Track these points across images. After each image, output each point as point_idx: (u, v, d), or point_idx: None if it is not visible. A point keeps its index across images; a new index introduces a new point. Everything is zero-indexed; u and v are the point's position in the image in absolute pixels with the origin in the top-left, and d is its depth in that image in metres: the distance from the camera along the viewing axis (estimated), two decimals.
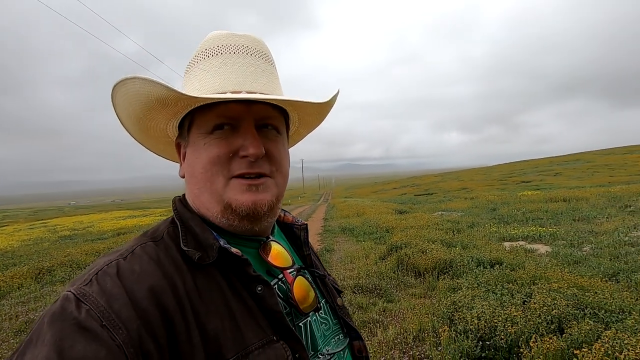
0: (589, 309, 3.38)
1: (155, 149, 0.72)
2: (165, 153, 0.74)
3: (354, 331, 0.72)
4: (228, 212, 0.59)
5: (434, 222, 10.26)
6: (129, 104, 0.58)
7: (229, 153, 0.58)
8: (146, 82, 0.53)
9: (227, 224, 0.60)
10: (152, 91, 0.54)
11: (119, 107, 0.60)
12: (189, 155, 0.61)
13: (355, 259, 6.99)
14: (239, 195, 0.58)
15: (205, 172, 0.58)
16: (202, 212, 0.61)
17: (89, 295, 0.47)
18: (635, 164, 32.20)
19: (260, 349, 0.53)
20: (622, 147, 53.20)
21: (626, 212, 9.85)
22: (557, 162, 45.54)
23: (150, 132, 0.66)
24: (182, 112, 0.60)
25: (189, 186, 0.63)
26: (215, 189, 0.58)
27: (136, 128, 0.65)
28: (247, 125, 0.58)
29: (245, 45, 0.61)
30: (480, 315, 3.33)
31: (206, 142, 0.58)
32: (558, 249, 6.52)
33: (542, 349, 2.71)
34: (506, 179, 34.22)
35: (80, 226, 20.45)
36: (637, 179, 22.04)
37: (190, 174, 0.61)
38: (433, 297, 4.65)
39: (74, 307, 0.45)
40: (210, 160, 0.57)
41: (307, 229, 0.77)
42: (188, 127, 0.61)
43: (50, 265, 7.87)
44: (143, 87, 0.54)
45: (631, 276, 4.54)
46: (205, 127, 0.58)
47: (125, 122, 0.64)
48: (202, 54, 0.61)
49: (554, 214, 10.56)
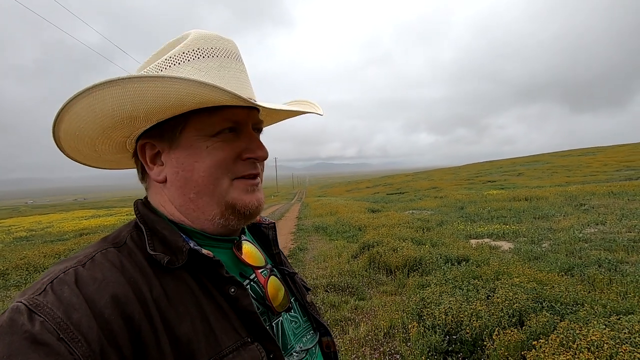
0: (547, 302, 3.59)
1: (106, 152, 0.64)
2: (113, 160, 0.67)
3: (323, 327, 0.73)
4: (229, 212, 0.59)
5: (405, 220, 10.51)
6: (126, 105, 0.51)
7: (234, 156, 0.59)
8: (193, 83, 0.48)
9: (221, 225, 0.60)
10: (196, 92, 0.49)
11: (92, 107, 0.52)
12: (183, 159, 0.57)
13: (328, 258, 7.03)
14: (244, 196, 0.59)
15: (210, 175, 0.57)
16: (191, 216, 0.59)
17: (43, 305, 0.44)
18: (589, 165, 34.51)
19: (235, 351, 0.52)
20: (578, 149, 56.85)
21: (581, 210, 10.53)
22: (520, 162, 47.95)
23: (115, 134, 0.59)
24: (176, 113, 0.55)
25: (178, 190, 0.58)
26: (219, 191, 0.58)
27: (96, 137, 0.58)
28: (249, 129, 0.61)
29: (233, 51, 0.61)
30: (448, 310, 3.45)
31: (209, 145, 0.57)
32: (520, 246, 6.87)
33: (504, 341, 2.85)
34: (473, 178, 35.63)
35: (39, 227, 19.25)
36: (590, 179, 23.65)
37: (185, 177, 0.58)
38: (403, 294, 4.76)
39: (26, 319, 0.42)
40: (216, 163, 0.57)
41: (275, 227, 0.77)
42: (181, 129, 0.57)
43: (4, 268, 7.36)
44: (185, 88, 0.49)
45: (584, 270, 4.87)
46: (208, 129, 0.57)
47: (87, 123, 0.55)
48: (193, 53, 0.57)
49: (516, 212, 11.11)
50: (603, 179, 22.52)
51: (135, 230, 0.58)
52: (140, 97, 0.50)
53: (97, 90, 0.49)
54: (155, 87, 0.49)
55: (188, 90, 0.49)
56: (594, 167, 32.10)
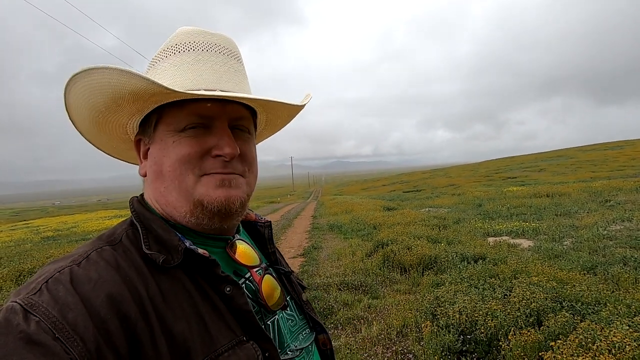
0: (567, 301, 3.47)
1: (107, 148, 0.69)
2: (117, 151, 0.70)
3: (319, 325, 0.73)
4: (198, 210, 0.57)
5: (421, 218, 10.37)
6: (92, 96, 0.54)
7: (200, 152, 0.56)
8: (121, 72, 0.49)
9: (195, 223, 0.58)
10: (127, 83, 0.51)
11: (76, 99, 0.56)
12: (155, 153, 0.59)
13: (342, 256, 7.02)
14: (212, 191, 0.56)
15: (174, 171, 0.56)
16: (168, 211, 0.59)
17: (38, 305, 0.43)
18: (615, 159, 33.10)
19: (230, 350, 0.52)
20: (603, 144, 54.62)
21: (606, 207, 10.12)
22: (542, 158, 46.50)
23: (107, 128, 0.62)
24: (150, 107, 0.57)
25: (152, 185, 0.60)
26: (185, 187, 0.57)
27: (91, 123, 0.61)
28: (222, 124, 0.58)
29: (217, 44, 0.60)
30: (462, 309, 3.38)
31: (175, 139, 0.56)
32: (540, 244, 6.67)
33: (520, 342, 2.77)
34: (493, 175, 34.80)
35: (65, 227, 19.99)
36: (617, 174, 22.68)
37: (156, 172, 0.58)
38: (417, 292, 4.70)
39: (21, 319, 0.41)
40: (180, 158, 0.56)
41: (270, 226, 0.77)
42: (155, 124, 0.59)
43: (32, 267, 7.67)
44: (116, 78, 0.50)
45: (608, 269, 4.67)
46: (175, 124, 0.57)
47: (80, 117, 0.60)
48: (171, 48, 0.59)
49: (537, 209, 10.78)
50: (631, 174, 21.55)
51: (131, 228, 0.58)
52: (97, 88, 0.53)
53: (73, 82, 0.53)
54: (101, 77, 0.51)
55: (119, 80, 0.51)
56: (621, 162, 30.77)
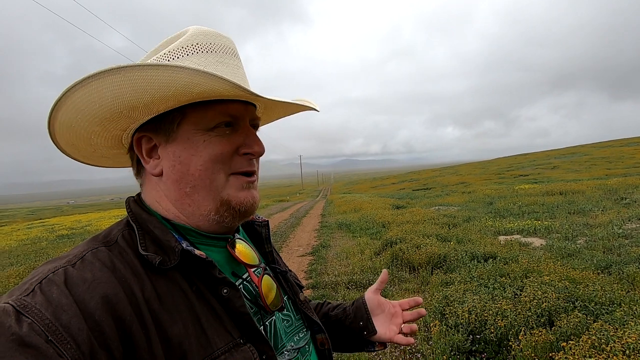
0: (580, 301, 3.40)
1: (101, 146, 0.63)
2: (95, 158, 0.67)
3: (317, 325, 0.73)
4: (224, 209, 0.58)
5: (430, 216, 10.27)
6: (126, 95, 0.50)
7: (231, 151, 0.58)
8: (196, 72, 0.47)
9: (215, 222, 0.59)
10: (191, 83, 0.49)
11: (74, 109, 0.52)
12: (180, 152, 0.57)
13: (350, 255, 7.00)
14: (239, 193, 0.59)
15: (206, 170, 0.57)
16: (187, 211, 0.58)
17: (31, 306, 0.42)
18: (632, 156, 32.25)
19: (227, 352, 0.52)
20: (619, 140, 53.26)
21: (621, 205, 9.88)
22: (555, 155, 45.59)
23: (112, 126, 0.59)
24: (174, 106, 0.55)
25: (173, 185, 0.58)
26: (215, 186, 0.58)
27: (80, 135, 0.58)
28: (245, 124, 0.61)
29: (230, 47, 0.61)
30: (471, 309, 3.35)
31: (206, 139, 0.57)
32: (552, 242, 6.54)
33: (531, 342, 2.73)
34: (504, 172, 34.26)
35: (79, 225, 20.41)
36: (633, 171, 22.10)
37: (182, 171, 0.57)
38: (426, 291, 4.66)
39: (13, 321, 0.41)
40: (213, 157, 0.57)
41: (268, 225, 0.77)
42: (178, 123, 0.57)
43: None
44: (187, 78, 0.48)
45: (623, 268, 4.56)
46: (204, 123, 0.57)
47: (69, 129, 0.56)
48: (191, 47, 0.57)
49: (550, 207, 10.58)
50: None
51: (127, 228, 0.57)
52: (142, 86, 0.49)
53: (96, 79, 0.48)
54: (157, 75, 0.48)
55: (190, 80, 0.49)
56: (638, 159, 29.96)
